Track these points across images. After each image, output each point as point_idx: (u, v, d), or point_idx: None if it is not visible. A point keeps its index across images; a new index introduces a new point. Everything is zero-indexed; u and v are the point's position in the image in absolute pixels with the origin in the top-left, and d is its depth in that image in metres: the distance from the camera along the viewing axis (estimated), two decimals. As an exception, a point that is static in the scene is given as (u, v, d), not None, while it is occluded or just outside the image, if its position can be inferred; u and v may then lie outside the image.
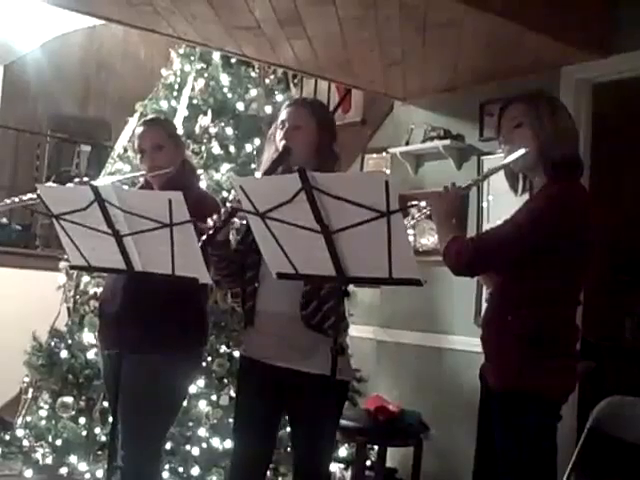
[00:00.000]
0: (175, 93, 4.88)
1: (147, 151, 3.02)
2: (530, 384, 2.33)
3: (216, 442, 4.13)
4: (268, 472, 2.95)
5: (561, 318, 2.40)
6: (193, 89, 4.83)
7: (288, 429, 3.10)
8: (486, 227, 4.33)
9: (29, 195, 3.01)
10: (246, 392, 2.72)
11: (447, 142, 4.61)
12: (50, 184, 3.14)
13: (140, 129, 3.10)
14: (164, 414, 2.93)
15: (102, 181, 3.31)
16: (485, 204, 4.40)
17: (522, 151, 2.41)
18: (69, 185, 2.89)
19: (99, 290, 4.18)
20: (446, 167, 4.66)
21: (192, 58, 4.91)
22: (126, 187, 3.13)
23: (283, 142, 2.59)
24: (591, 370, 4.83)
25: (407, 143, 4.89)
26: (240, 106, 4.84)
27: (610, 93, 4.27)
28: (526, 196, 2.55)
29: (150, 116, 3.26)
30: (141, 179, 3.18)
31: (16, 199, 3.08)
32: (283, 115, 2.67)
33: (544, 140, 2.40)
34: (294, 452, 2.72)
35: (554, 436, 2.39)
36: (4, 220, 6.77)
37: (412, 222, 2.51)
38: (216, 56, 4.86)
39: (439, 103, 4.79)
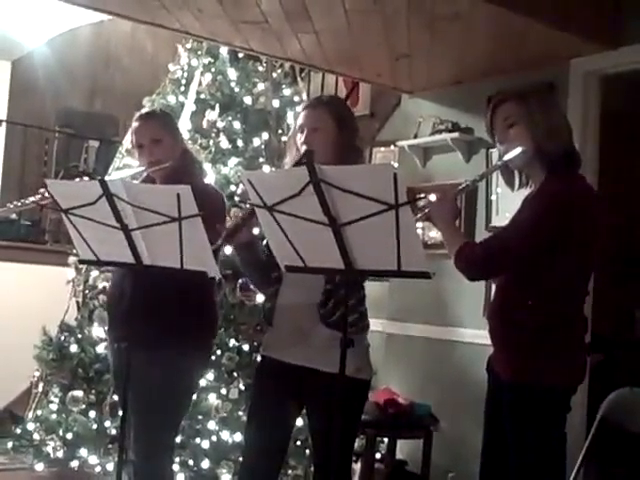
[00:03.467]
0: (182, 88, 4.89)
1: (145, 145, 2.98)
2: (539, 375, 2.34)
3: (226, 435, 4.14)
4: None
5: (569, 309, 2.42)
6: (200, 84, 4.83)
7: (299, 422, 3.11)
8: (495, 220, 4.33)
9: (32, 199, 2.96)
10: (263, 389, 2.71)
11: (456, 135, 4.60)
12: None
13: (136, 124, 3.04)
14: (175, 408, 2.93)
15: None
16: (494, 197, 4.39)
17: (519, 150, 2.42)
18: None
19: (108, 284, 4.19)
20: (455, 160, 4.65)
21: (199, 53, 4.91)
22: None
23: (304, 147, 2.58)
24: (600, 363, 4.82)
25: (415, 136, 4.88)
26: (247, 100, 4.84)
27: (619, 85, 4.25)
28: (524, 190, 2.56)
29: (146, 109, 3.21)
30: (143, 174, 3.15)
31: (26, 201, 3.04)
32: (301, 119, 2.66)
33: (539, 137, 2.41)
34: (313, 449, 2.72)
35: (563, 427, 2.40)
36: (13, 216, 6.78)
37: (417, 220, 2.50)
38: (223, 50, 4.86)
39: (447, 96, 4.78)
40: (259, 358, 4.14)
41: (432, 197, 2.50)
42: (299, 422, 3.07)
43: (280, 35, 4.12)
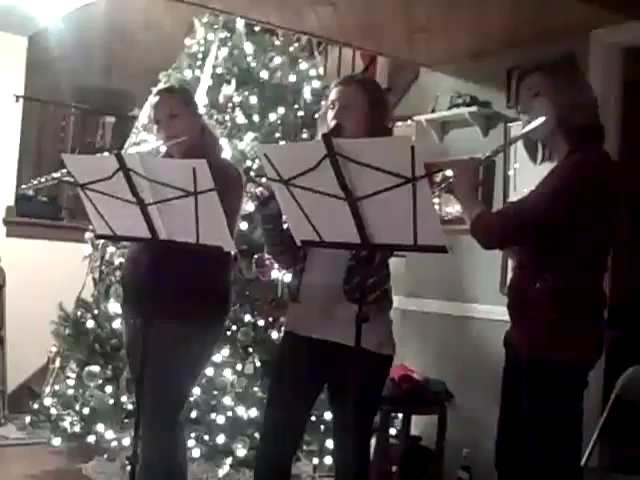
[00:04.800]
0: (199, 62, 4.85)
1: (162, 120, 3.01)
2: (557, 350, 2.33)
3: (241, 411, 4.15)
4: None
5: (588, 284, 2.40)
6: (217, 58, 4.79)
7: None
8: (512, 195, 4.29)
9: (54, 175, 3.00)
10: (287, 365, 2.70)
11: (473, 109, 4.55)
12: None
13: (155, 99, 3.08)
14: (185, 382, 2.95)
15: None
16: (511, 172, 4.35)
17: (541, 119, 2.40)
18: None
19: (124, 260, 4.20)
20: (472, 134, 4.61)
21: (215, 27, 4.87)
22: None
23: (334, 122, 2.57)
24: (618, 339, 4.80)
25: (433, 110, 4.84)
26: (264, 75, 4.81)
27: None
28: (546, 165, 2.53)
29: (165, 85, 3.22)
30: (162, 150, 3.16)
31: (42, 179, 3.08)
32: (333, 94, 2.65)
33: (562, 108, 2.39)
34: (334, 424, 2.72)
35: (581, 402, 2.39)
36: (30, 192, 6.80)
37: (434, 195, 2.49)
38: (240, 24, 4.82)
39: (465, 70, 4.73)
40: (275, 335, 4.17)
41: (449, 172, 2.49)
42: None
43: (297, 7, 4.08)
